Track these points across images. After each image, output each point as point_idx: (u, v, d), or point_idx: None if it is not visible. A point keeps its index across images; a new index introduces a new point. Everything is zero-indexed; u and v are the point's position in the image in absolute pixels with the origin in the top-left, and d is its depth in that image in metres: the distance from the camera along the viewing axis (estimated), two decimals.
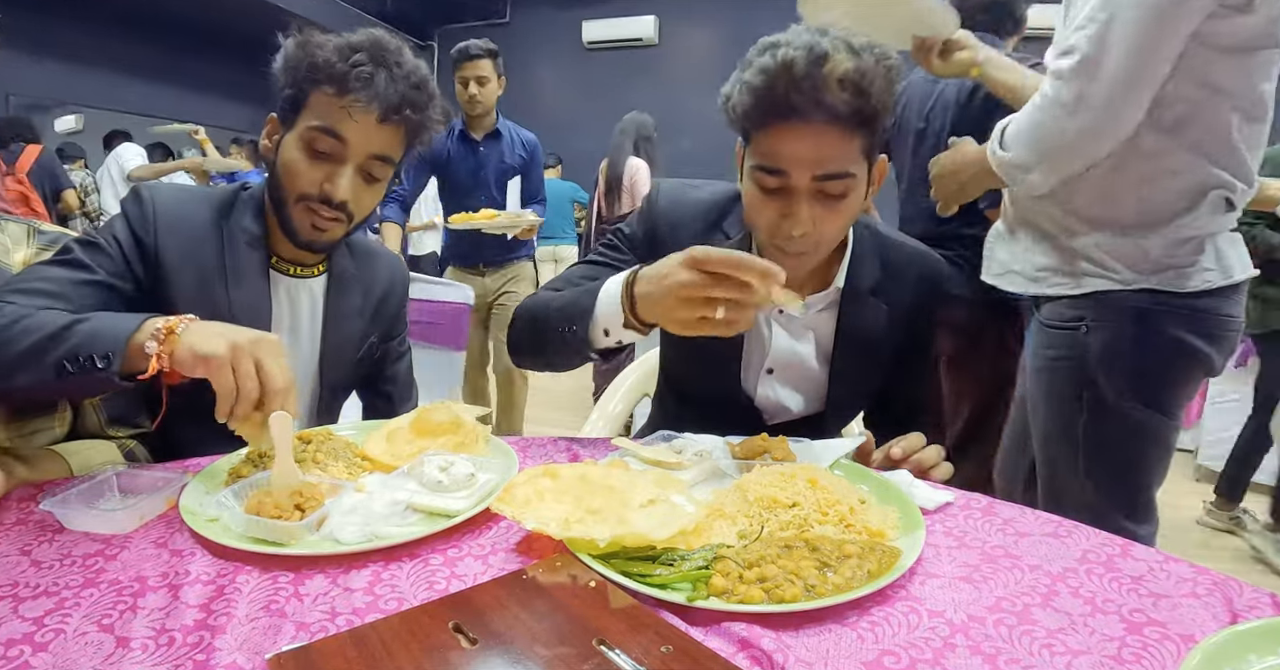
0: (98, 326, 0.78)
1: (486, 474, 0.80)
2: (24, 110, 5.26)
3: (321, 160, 0.96)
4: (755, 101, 0.86)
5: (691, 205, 1.08)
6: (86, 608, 0.57)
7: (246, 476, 0.76)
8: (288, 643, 0.52)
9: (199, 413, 0.75)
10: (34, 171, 4.38)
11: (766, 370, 1.08)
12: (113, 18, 5.81)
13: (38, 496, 0.73)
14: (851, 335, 1.05)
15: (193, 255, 0.98)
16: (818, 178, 0.87)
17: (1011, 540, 0.70)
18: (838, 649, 0.53)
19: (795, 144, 0.86)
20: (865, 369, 1.08)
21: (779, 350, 1.07)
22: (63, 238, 0.98)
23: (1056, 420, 1.22)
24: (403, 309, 1.22)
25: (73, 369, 0.75)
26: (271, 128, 1.02)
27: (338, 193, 0.96)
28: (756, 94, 0.85)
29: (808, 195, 0.88)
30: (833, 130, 0.85)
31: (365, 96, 0.94)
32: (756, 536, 0.66)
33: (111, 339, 0.76)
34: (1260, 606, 0.58)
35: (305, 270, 1.07)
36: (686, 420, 1.05)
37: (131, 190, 1.00)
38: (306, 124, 0.95)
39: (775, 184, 0.89)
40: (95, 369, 0.75)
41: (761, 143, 0.89)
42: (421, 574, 0.63)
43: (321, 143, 0.95)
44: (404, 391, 1.25)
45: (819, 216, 0.89)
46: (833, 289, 1.04)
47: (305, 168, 0.96)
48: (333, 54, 0.94)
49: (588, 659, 0.49)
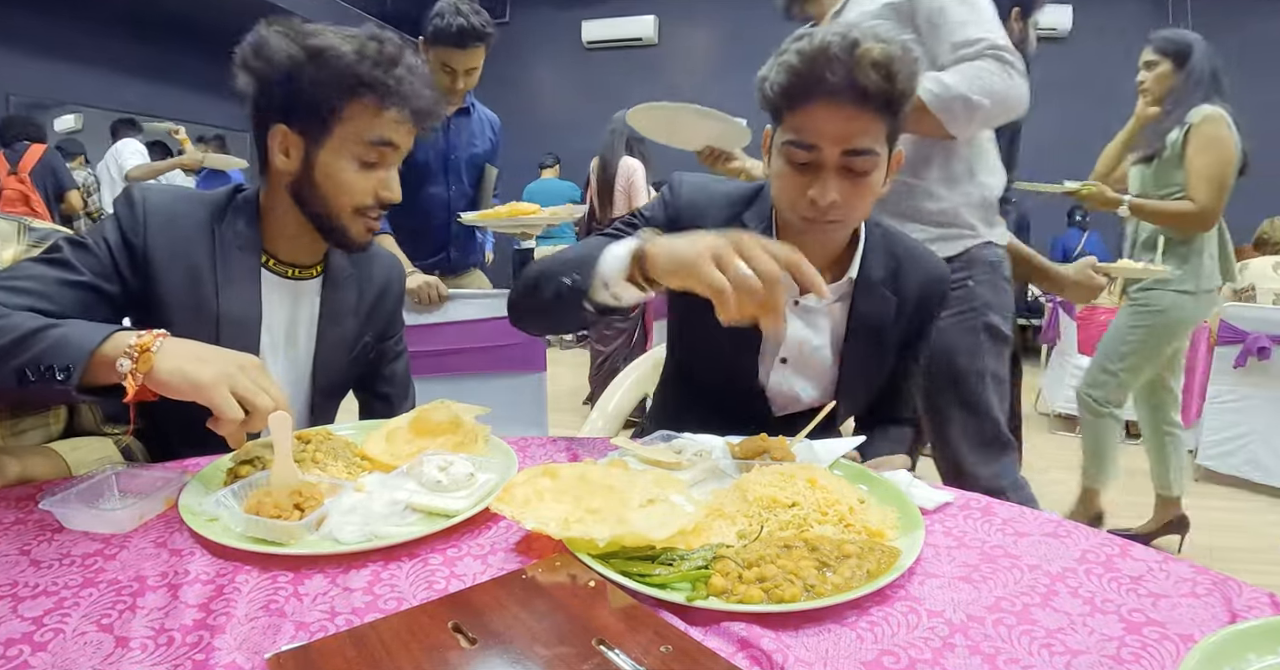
0: (65, 335, 0.76)
1: (486, 474, 0.80)
2: (24, 109, 5.25)
3: (371, 169, 0.97)
4: (792, 80, 0.92)
5: (717, 195, 1.12)
6: (86, 607, 0.57)
7: (246, 476, 0.76)
8: (287, 642, 0.52)
9: (186, 410, 0.75)
10: (37, 170, 4.37)
11: (781, 359, 1.10)
12: (113, 17, 5.80)
13: (37, 496, 0.73)
14: (863, 324, 1.08)
15: (183, 257, 0.97)
16: (846, 153, 0.92)
17: (1010, 540, 0.70)
18: (837, 649, 0.53)
19: (827, 120, 0.91)
20: (874, 358, 1.11)
21: (794, 339, 1.09)
22: (54, 235, 0.97)
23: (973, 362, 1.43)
24: (399, 308, 1.22)
25: (33, 377, 0.74)
26: (286, 140, 0.95)
27: (395, 195, 0.98)
28: (793, 73, 0.91)
29: (835, 170, 0.94)
30: (861, 110, 0.91)
31: (410, 106, 0.94)
32: (756, 536, 0.66)
33: (75, 350, 0.74)
34: (1259, 606, 0.58)
35: (303, 272, 1.06)
36: (694, 412, 1.07)
37: (123, 191, 0.99)
38: (357, 137, 0.94)
39: (805, 158, 0.94)
40: (54, 380, 0.74)
41: (794, 120, 0.94)
42: (421, 574, 0.63)
43: (373, 154, 0.96)
44: (402, 392, 1.24)
45: (845, 191, 0.94)
46: (846, 279, 1.07)
47: (358, 179, 0.96)
48: (355, 59, 0.90)
49: (587, 659, 0.49)
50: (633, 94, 2.61)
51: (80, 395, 0.75)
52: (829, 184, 0.93)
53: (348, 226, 0.98)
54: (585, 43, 7.47)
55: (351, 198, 0.97)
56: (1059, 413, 4.01)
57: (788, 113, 0.95)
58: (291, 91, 0.92)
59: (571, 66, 7.55)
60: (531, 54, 7.53)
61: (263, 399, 0.74)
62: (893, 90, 0.90)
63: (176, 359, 0.74)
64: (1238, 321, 3.01)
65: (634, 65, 7.26)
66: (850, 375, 1.10)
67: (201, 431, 0.74)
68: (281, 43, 0.91)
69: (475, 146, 2.38)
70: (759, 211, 1.08)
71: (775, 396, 1.12)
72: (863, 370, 1.11)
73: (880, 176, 0.97)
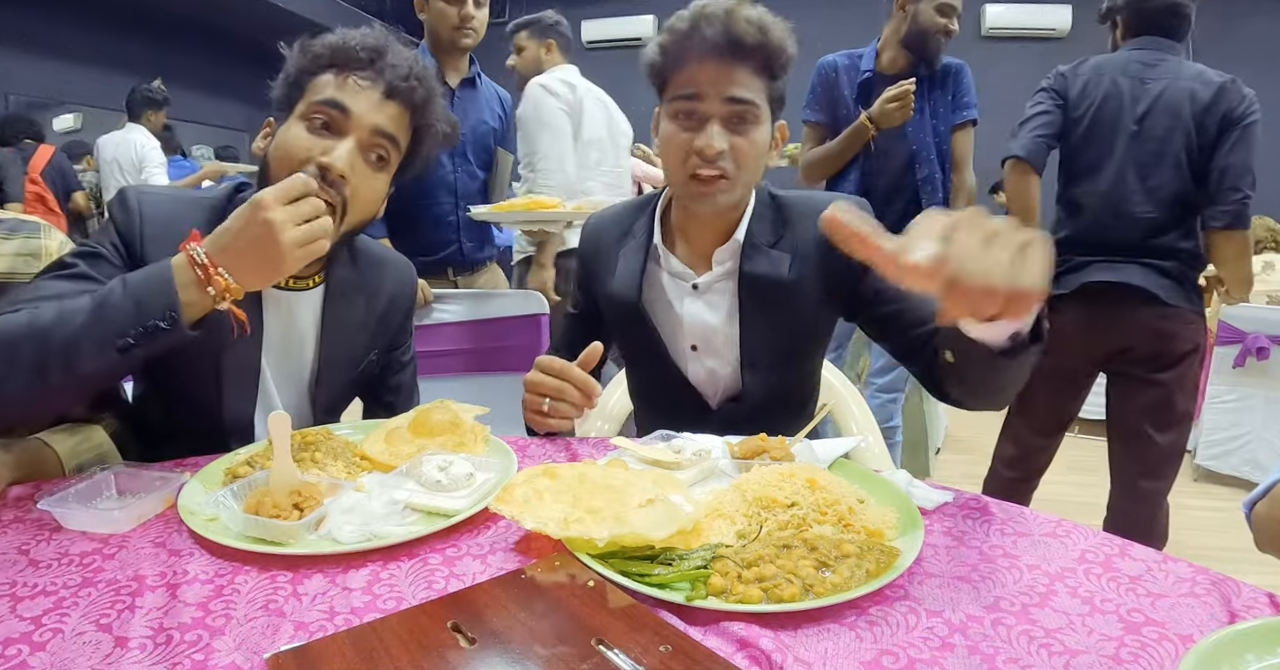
0: (128, 290, 0.78)
1: (485, 473, 0.80)
2: (23, 109, 5.25)
3: (321, 135, 0.90)
4: (674, 41, 0.99)
5: (608, 222, 1.20)
6: (85, 607, 0.57)
7: (245, 476, 0.76)
8: (286, 642, 0.52)
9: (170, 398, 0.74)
10: (46, 172, 4.35)
11: (691, 347, 1.12)
12: (112, 17, 5.80)
13: (35, 495, 0.73)
14: (753, 284, 1.06)
15: None
16: (728, 100, 0.97)
17: (1010, 540, 0.70)
18: (836, 648, 0.53)
19: (708, 71, 0.97)
20: (774, 317, 1.08)
21: (695, 324, 1.11)
22: (21, 225, 0.97)
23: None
24: (408, 318, 1.18)
25: (134, 341, 0.76)
26: (267, 129, 0.98)
27: (335, 163, 0.87)
28: (676, 34, 0.99)
29: (720, 120, 0.98)
30: (740, 62, 0.97)
31: (370, 71, 0.92)
32: (755, 536, 0.66)
33: (158, 294, 0.77)
34: (1258, 606, 0.58)
35: (300, 282, 1.01)
36: (651, 414, 1.14)
37: (119, 194, 0.95)
38: (307, 102, 0.91)
39: (689, 107, 0.98)
40: (159, 331, 0.76)
41: (679, 77, 1.00)
42: (420, 573, 0.63)
43: (323, 115, 0.90)
44: (406, 401, 1.19)
45: (731, 143, 0.98)
46: (733, 242, 1.07)
47: (302, 141, 0.89)
48: (332, 41, 0.93)
49: (586, 658, 0.49)
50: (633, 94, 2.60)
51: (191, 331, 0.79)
52: (713, 132, 0.97)
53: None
54: (585, 43, 7.45)
55: (291, 159, 0.89)
56: None
57: (673, 73, 1.00)
58: (280, 86, 0.96)
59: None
60: None
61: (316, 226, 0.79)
62: (768, 46, 0.96)
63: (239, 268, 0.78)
64: (1237, 321, 3.02)
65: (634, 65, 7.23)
66: (751, 339, 1.08)
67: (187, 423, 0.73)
68: (289, 53, 0.96)
69: (484, 122, 2.18)
70: (644, 224, 1.14)
71: (699, 385, 1.14)
72: (762, 332, 1.08)
73: (765, 136, 1.01)
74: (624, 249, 1.15)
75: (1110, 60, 1.85)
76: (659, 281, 1.13)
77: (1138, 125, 1.78)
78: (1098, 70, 1.83)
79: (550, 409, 0.98)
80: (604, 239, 1.19)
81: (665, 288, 1.13)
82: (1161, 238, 1.77)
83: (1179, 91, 1.75)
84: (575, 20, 7.36)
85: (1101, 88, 1.82)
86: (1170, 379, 1.82)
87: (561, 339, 1.27)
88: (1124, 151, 1.80)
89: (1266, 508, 0.65)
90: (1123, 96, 1.80)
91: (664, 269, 1.13)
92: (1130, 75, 1.79)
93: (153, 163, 4.22)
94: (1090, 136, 1.84)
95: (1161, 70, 1.78)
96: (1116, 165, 1.81)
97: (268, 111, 0.99)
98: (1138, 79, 1.79)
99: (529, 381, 1.00)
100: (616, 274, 1.14)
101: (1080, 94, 1.84)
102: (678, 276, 1.12)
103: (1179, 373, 1.82)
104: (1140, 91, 1.79)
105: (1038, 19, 6.18)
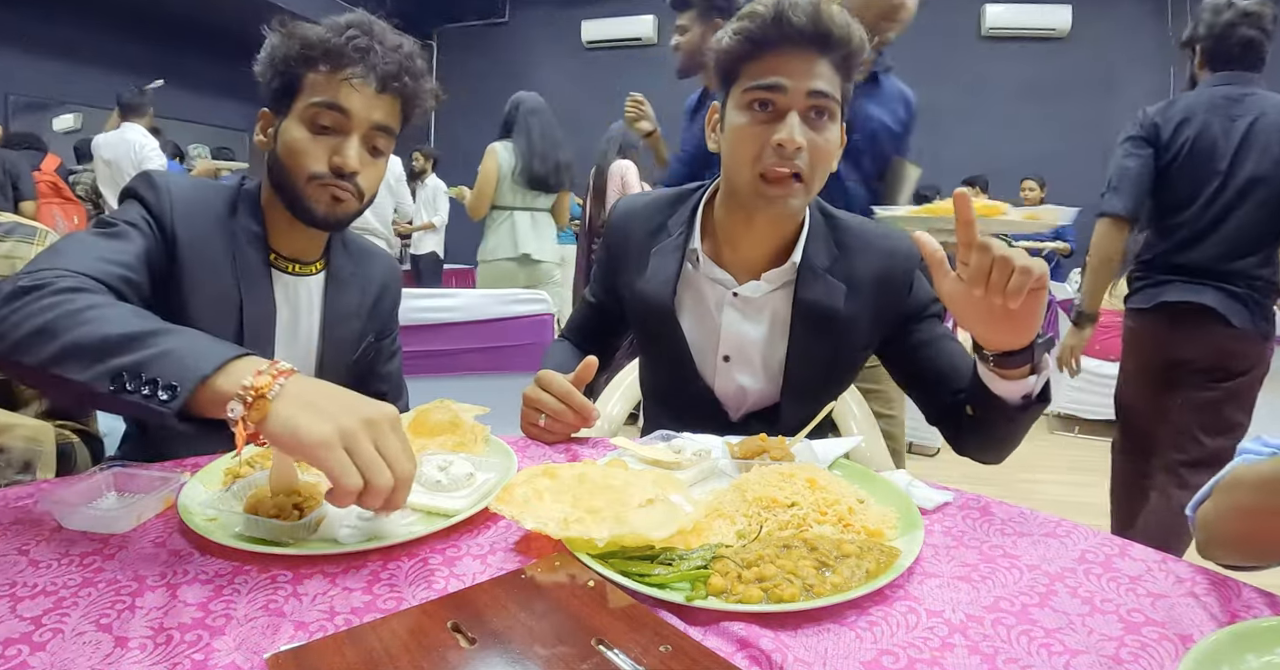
0: (177, 348, 0.65)
1: (485, 473, 0.80)
2: (23, 109, 5.26)
3: (326, 135, 0.95)
4: (755, 27, 0.92)
5: (639, 213, 1.14)
6: (84, 607, 0.57)
7: (245, 476, 0.76)
8: (286, 642, 0.52)
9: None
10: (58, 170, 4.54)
11: (723, 357, 1.09)
12: (112, 17, 5.81)
13: (35, 495, 0.73)
14: (808, 311, 1.03)
15: (206, 249, 0.97)
16: (811, 93, 0.92)
17: (1010, 540, 0.70)
18: (836, 648, 0.53)
19: (793, 61, 0.92)
20: (824, 347, 1.05)
21: (732, 335, 1.07)
22: (18, 228, 1.00)
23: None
24: (396, 307, 1.23)
25: (130, 387, 0.62)
26: (265, 121, 1.01)
27: (348, 163, 0.94)
28: (755, 20, 0.92)
29: (801, 112, 0.92)
30: (824, 56, 0.92)
31: (362, 68, 0.94)
32: (755, 536, 0.66)
33: (184, 370, 0.62)
34: (1258, 606, 0.58)
35: (304, 268, 1.07)
36: (663, 420, 1.09)
37: (142, 176, 0.97)
38: (306, 102, 0.95)
39: (768, 98, 0.93)
40: (154, 398, 0.62)
41: (757, 68, 0.93)
42: (420, 573, 0.63)
43: (324, 117, 0.94)
44: (396, 391, 1.26)
45: (809, 139, 0.92)
46: (789, 265, 1.03)
47: (310, 146, 0.95)
48: (322, 32, 0.94)
49: (586, 658, 0.49)
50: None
51: (181, 424, 0.63)
52: (794, 124, 0.91)
53: (306, 196, 0.96)
54: (585, 42, 7.47)
55: (303, 163, 0.95)
56: (1059, 413, 4.02)
57: (749, 64, 0.94)
58: (269, 74, 0.97)
59: (571, 66, 7.54)
60: (531, 53, 7.52)
61: (382, 476, 0.60)
62: (849, 44, 0.92)
63: (292, 407, 0.61)
64: None
65: (634, 65, 7.25)
66: (797, 365, 1.05)
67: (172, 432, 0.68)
68: (273, 37, 0.96)
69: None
70: (682, 218, 1.09)
71: (724, 397, 1.10)
72: (810, 360, 1.05)
73: (837, 137, 0.96)
74: (658, 246, 1.09)
75: (1197, 100, 1.91)
76: (695, 286, 1.08)
77: (1230, 160, 1.85)
78: (1188, 111, 1.89)
79: (546, 425, 0.98)
80: (634, 231, 1.13)
81: (704, 294, 1.08)
82: (1239, 263, 1.85)
83: (1268, 124, 1.82)
84: (574, 20, 7.46)
85: (1193, 127, 1.88)
86: (1224, 389, 1.90)
87: (576, 323, 1.28)
88: (1216, 187, 1.87)
89: (1208, 510, 0.66)
90: (1215, 135, 1.86)
91: (702, 273, 1.07)
92: (1219, 113, 1.86)
93: (153, 162, 4.14)
94: (1184, 175, 1.91)
95: (1248, 105, 1.85)
96: (1206, 199, 1.88)
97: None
98: (1226, 116, 1.86)
99: (528, 397, 1.00)
100: (649, 273, 1.09)
101: (1172, 137, 1.90)
102: (717, 283, 1.07)
103: (1234, 386, 1.90)
104: (1230, 128, 1.86)
105: (1038, 19, 6.19)
